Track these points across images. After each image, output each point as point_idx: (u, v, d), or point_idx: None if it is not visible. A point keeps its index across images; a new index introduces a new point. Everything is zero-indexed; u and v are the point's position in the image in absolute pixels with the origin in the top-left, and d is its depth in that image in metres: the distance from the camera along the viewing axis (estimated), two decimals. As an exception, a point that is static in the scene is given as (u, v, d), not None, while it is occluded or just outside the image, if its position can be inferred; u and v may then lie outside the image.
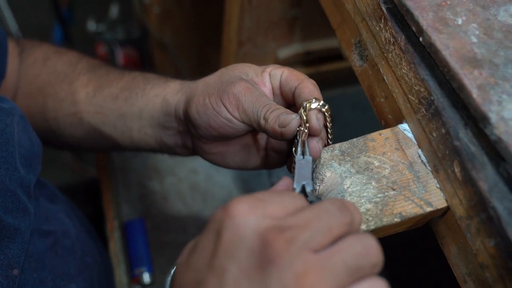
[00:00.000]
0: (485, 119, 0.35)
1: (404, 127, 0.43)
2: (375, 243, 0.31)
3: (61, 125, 0.61)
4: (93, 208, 0.84)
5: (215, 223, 0.32)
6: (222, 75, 0.50)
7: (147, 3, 1.22)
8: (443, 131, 0.38)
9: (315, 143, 0.43)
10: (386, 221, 0.38)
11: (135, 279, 0.73)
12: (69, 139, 0.62)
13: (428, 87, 0.40)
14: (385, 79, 0.45)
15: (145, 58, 1.52)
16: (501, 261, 0.34)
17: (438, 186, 0.40)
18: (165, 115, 0.54)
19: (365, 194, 0.40)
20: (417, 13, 0.41)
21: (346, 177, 0.41)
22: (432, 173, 0.40)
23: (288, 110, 0.44)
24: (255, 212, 0.31)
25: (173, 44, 1.31)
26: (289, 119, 0.43)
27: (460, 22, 0.41)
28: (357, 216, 0.33)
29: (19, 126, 0.51)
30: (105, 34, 1.60)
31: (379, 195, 0.40)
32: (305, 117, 0.43)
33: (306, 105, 0.43)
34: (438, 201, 0.39)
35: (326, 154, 0.43)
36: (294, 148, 0.44)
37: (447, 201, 0.39)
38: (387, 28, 0.44)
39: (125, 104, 0.56)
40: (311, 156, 0.42)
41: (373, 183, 0.40)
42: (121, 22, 1.60)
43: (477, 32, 0.40)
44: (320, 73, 0.90)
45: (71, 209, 0.65)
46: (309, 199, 0.38)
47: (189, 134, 0.54)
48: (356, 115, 0.96)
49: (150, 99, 0.55)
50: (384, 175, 0.41)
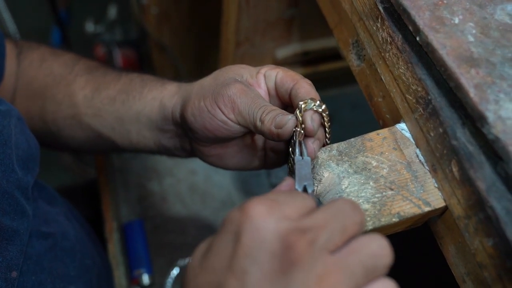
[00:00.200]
0: (482, 118, 0.35)
1: (401, 126, 0.43)
2: (388, 244, 0.31)
3: (60, 127, 0.61)
4: (92, 209, 0.84)
5: (232, 225, 0.31)
6: (216, 77, 0.49)
7: (145, 4, 1.22)
8: (441, 130, 0.38)
9: (311, 144, 0.43)
10: (384, 221, 0.38)
11: (135, 281, 0.73)
12: (68, 141, 0.62)
13: (425, 86, 0.40)
14: (383, 79, 0.45)
15: (143, 59, 1.52)
16: (499, 260, 0.34)
17: (436, 185, 0.40)
18: (162, 118, 0.54)
19: (363, 194, 0.40)
20: (413, 12, 0.41)
21: (344, 177, 0.41)
22: (430, 172, 0.40)
23: (284, 111, 0.44)
24: (273, 213, 0.30)
25: (171, 44, 1.31)
26: (285, 120, 0.43)
27: (456, 21, 0.40)
28: (364, 216, 0.33)
29: (16, 128, 0.51)
30: (104, 35, 1.60)
31: (377, 195, 0.40)
32: (300, 118, 0.43)
33: (301, 105, 0.43)
34: (436, 200, 0.39)
35: (323, 154, 0.43)
36: (291, 148, 0.43)
37: (445, 200, 0.39)
38: (384, 27, 0.44)
39: (122, 107, 0.56)
40: (308, 156, 0.42)
41: (371, 183, 0.40)
42: (119, 23, 1.61)
43: (474, 31, 0.40)
44: (318, 73, 0.90)
45: (70, 211, 0.65)
46: None
47: (187, 136, 0.54)
48: (355, 114, 0.96)
49: (147, 102, 0.55)
50: (382, 175, 0.41)
